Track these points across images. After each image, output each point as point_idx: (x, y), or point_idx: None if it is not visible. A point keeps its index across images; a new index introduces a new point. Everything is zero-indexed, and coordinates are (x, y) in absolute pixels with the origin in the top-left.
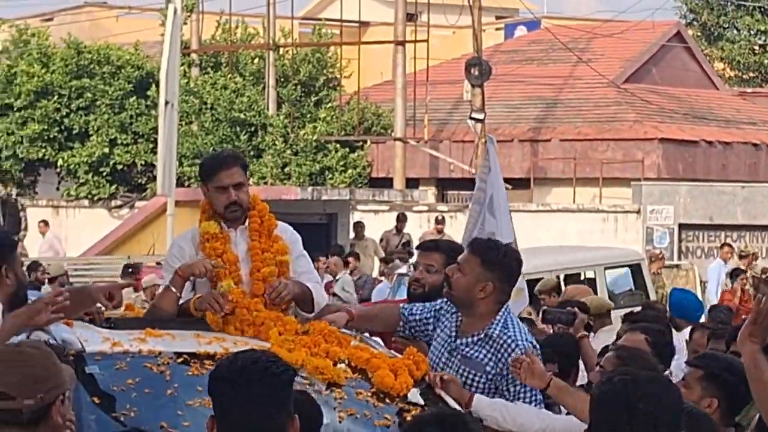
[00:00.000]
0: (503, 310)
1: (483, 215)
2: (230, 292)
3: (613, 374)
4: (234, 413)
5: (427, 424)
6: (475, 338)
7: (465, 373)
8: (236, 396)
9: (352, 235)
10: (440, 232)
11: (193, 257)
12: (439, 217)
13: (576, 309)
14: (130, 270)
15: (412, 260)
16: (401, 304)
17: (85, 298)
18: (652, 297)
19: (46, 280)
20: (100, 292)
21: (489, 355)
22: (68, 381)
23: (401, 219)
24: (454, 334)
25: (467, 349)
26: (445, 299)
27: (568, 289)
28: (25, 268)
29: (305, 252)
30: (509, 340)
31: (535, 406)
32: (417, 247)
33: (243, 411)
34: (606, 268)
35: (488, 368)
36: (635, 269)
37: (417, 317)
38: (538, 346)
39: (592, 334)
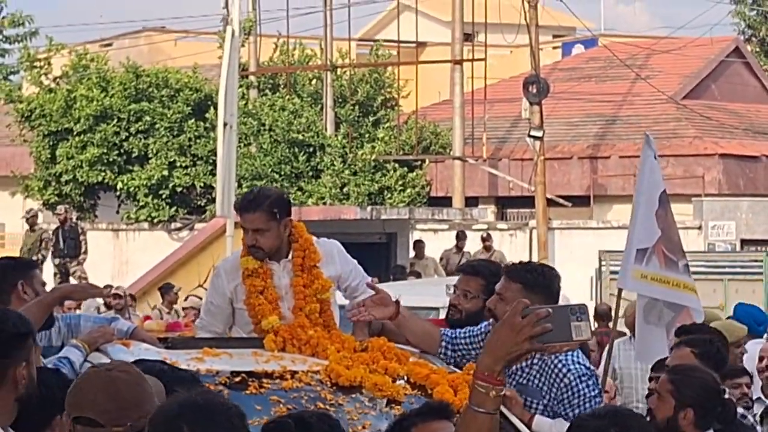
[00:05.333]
0: None
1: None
2: (276, 328)
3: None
4: None
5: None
6: (528, 362)
7: (522, 400)
8: None
9: (412, 254)
10: (488, 249)
11: (232, 294)
12: (484, 235)
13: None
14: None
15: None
16: (441, 328)
17: None
18: None
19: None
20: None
21: (542, 379)
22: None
23: (461, 237)
24: None
25: (522, 376)
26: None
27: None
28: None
29: (352, 259)
30: (560, 365)
31: None
32: (457, 270)
33: None
34: None
35: (543, 392)
36: None
37: (464, 341)
38: (592, 368)
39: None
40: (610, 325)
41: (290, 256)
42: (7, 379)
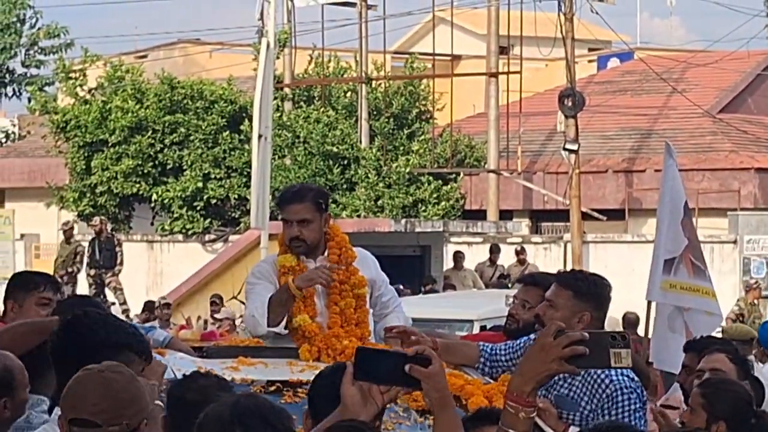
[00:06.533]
0: None
1: (659, 230)
2: (305, 326)
3: None
4: None
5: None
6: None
7: (559, 412)
8: None
9: (450, 264)
10: (522, 262)
11: (274, 281)
12: (519, 248)
13: None
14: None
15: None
16: (479, 342)
17: None
18: None
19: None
20: None
21: (584, 390)
22: (150, 403)
23: (495, 250)
24: None
25: (564, 386)
26: (534, 337)
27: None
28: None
29: (385, 276)
30: (603, 375)
31: None
32: (517, 281)
33: None
34: None
35: (583, 404)
36: None
37: (503, 357)
38: (637, 380)
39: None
40: (640, 332)
41: (326, 254)
42: None
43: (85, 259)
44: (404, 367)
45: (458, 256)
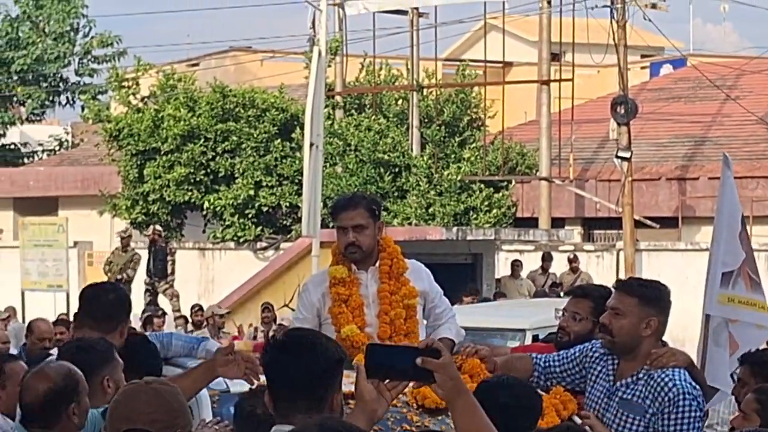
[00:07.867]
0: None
1: (716, 242)
2: (353, 336)
3: None
4: None
5: None
6: (634, 378)
7: (624, 417)
8: None
9: (506, 272)
10: (575, 271)
11: (320, 304)
12: (571, 256)
13: None
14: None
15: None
16: (532, 354)
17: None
18: None
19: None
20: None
21: (646, 393)
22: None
23: (547, 259)
24: (611, 378)
25: (627, 392)
26: (589, 346)
27: None
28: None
29: (438, 288)
30: (666, 378)
31: None
32: (566, 293)
33: None
34: None
35: (645, 406)
36: None
37: (558, 368)
38: (698, 389)
39: None
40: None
41: (377, 264)
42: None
43: (142, 267)
44: (416, 361)
45: (515, 265)
